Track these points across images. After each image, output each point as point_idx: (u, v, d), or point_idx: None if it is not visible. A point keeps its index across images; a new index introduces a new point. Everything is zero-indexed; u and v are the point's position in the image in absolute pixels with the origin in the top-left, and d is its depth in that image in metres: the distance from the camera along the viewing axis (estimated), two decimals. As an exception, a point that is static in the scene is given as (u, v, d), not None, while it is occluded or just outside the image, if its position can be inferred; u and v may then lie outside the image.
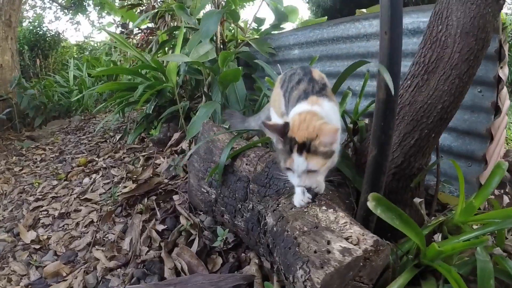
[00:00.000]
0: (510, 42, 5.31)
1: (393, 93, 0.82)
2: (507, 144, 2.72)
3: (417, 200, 1.21)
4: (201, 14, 2.58)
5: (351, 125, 1.54)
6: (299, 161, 0.87)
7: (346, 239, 0.78)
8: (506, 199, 1.68)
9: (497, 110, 1.47)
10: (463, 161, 1.57)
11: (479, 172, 1.51)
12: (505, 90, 2.02)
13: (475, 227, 1.29)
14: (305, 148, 0.86)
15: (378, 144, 0.96)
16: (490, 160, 1.53)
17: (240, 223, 1.27)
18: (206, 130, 1.63)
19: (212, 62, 2.37)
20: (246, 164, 1.33)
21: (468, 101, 1.50)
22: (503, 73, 1.48)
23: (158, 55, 3.09)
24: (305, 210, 0.92)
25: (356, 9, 2.10)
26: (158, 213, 1.69)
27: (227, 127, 1.81)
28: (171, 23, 3.19)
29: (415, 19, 1.56)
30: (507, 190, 1.76)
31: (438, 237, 1.20)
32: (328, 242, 0.76)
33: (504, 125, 2.14)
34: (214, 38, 2.50)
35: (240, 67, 2.04)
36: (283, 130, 0.89)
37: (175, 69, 2.27)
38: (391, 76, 0.82)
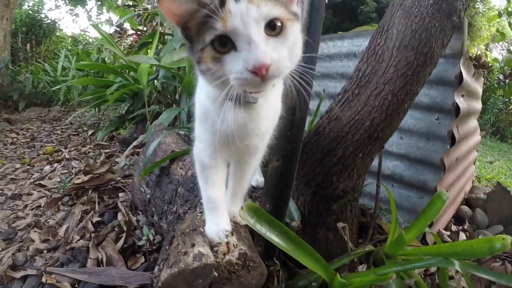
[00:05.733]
0: (495, 84, 5.56)
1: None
2: (478, 181, 2.62)
3: (340, 224, 1.15)
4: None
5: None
6: (240, 8, 0.50)
7: (214, 246, 0.76)
8: (462, 236, 1.57)
9: (454, 140, 1.40)
10: (415, 191, 1.49)
11: (431, 204, 1.42)
12: (474, 124, 1.86)
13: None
14: None
15: (282, 155, 0.90)
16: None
17: (164, 225, 1.30)
18: (156, 132, 1.69)
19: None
20: (180, 168, 1.37)
21: (423, 127, 1.44)
22: (461, 101, 1.39)
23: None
24: (199, 214, 0.93)
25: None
26: (97, 206, 1.72)
27: (182, 133, 1.86)
28: (159, 29, 3.28)
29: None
30: (465, 227, 1.66)
31: (363, 267, 1.14)
32: (193, 245, 0.74)
33: (472, 158, 1.98)
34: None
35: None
36: None
37: (146, 71, 2.34)
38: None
